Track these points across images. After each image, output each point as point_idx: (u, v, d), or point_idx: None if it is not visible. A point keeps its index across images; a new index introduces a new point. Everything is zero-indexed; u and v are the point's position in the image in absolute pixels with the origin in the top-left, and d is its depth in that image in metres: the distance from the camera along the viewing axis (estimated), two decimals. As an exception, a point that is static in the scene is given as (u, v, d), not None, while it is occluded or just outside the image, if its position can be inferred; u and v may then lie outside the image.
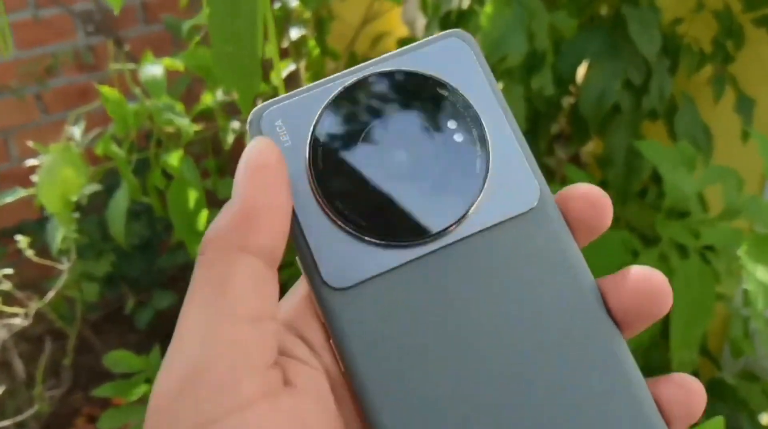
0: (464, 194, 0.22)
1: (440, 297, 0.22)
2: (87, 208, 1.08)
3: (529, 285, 0.22)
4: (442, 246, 0.22)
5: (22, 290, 0.99)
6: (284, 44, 0.93)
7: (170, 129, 0.77)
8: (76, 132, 0.82)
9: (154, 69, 0.72)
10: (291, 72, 0.90)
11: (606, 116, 0.87)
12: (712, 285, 0.61)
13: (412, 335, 0.21)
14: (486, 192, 0.22)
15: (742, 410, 0.88)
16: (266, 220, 0.20)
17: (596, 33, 0.86)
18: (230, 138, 0.86)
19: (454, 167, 0.22)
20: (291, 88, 0.27)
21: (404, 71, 0.23)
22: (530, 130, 0.89)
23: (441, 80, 0.23)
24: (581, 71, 0.90)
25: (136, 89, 0.75)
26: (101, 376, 0.98)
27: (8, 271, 0.91)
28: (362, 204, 0.22)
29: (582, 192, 0.23)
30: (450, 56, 0.23)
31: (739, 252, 0.54)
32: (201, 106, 0.83)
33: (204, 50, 0.74)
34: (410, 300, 0.22)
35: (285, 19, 0.91)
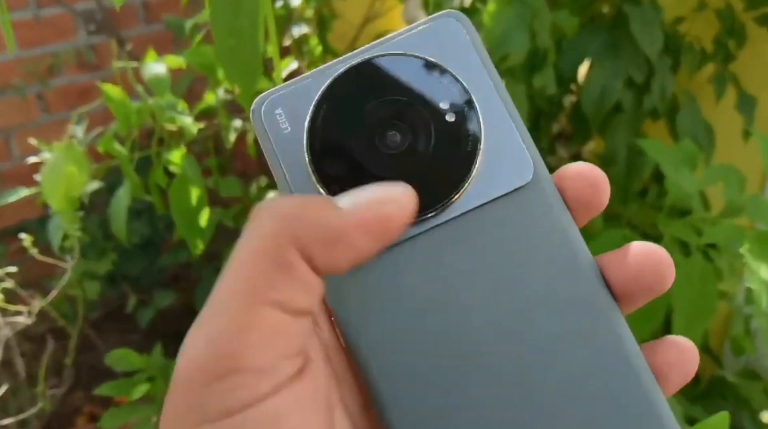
0: (458, 173, 0.23)
1: (437, 276, 0.22)
2: (89, 207, 1.08)
3: (526, 260, 0.22)
4: (437, 224, 0.22)
5: (25, 289, 0.99)
6: (286, 42, 0.93)
7: (172, 127, 0.77)
8: (79, 130, 0.82)
9: (157, 67, 0.72)
10: (293, 70, 0.90)
11: (607, 115, 0.87)
12: (715, 283, 0.61)
13: (411, 314, 0.22)
14: (480, 169, 0.23)
15: (744, 409, 0.88)
16: (341, 255, 0.19)
17: (598, 32, 0.86)
18: (232, 136, 0.86)
19: (448, 147, 0.23)
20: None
21: (397, 54, 0.23)
22: (532, 129, 0.90)
23: (433, 62, 0.23)
24: (583, 70, 0.90)
25: (139, 87, 0.75)
26: (103, 375, 0.98)
27: (12, 269, 0.91)
28: (358, 185, 0.22)
29: (578, 170, 0.23)
30: (444, 37, 0.24)
31: (742, 250, 0.54)
32: (203, 105, 0.83)
33: (207, 48, 0.75)
34: (407, 280, 0.22)
35: (287, 18, 0.92)
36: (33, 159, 0.81)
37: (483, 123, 0.23)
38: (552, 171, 0.23)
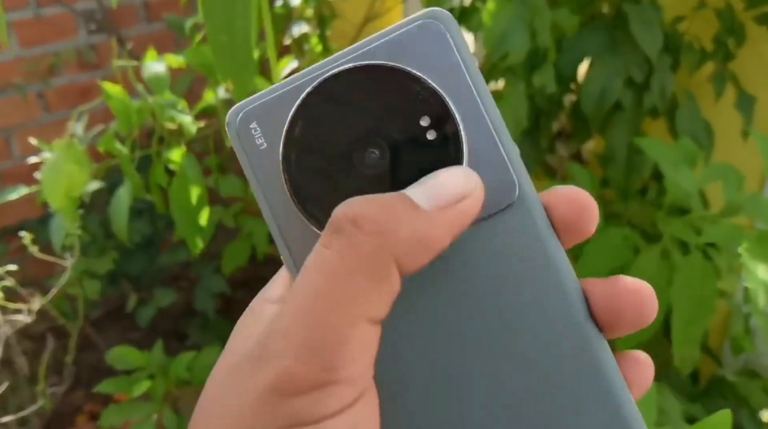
0: None
1: (418, 295, 0.22)
2: (89, 206, 1.08)
3: (508, 284, 0.22)
4: None
5: (24, 289, 0.99)
6: (287, 41, 0.93)
7: (172, 126, 0.77)
8: (79, 129, 0.82)
9: (157, 66, 0.72)
10: (293, 69, 0.90)
11: (607, 114, 0.87)
12: (714, 281, 0.61)
13: (391, 334, 0.21)
14: None
15: (743, 407, 0.88)
16: (428, 258, 0.20)
17: (598, 31, 0.86)
18: (232, 135, 0.86)
19: (428, 165, 0.22)
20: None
21: (375, 65, 0.22)
22: (532, 128, 0.90)
23: (413, 73, 0.22)
24: (583, 69, 0.90)
25: (140, 86, 0.76)
26: (103, 374, 0.98)
27: (12, 268, 0.91)
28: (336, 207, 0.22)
29: (567, 194, 0.22)
30: (425, 41, 0.22)
31: (740, 250, 0.54)
32: (203, 104, 0.83)
33: (206, 48, 0.75)
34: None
35: (287, 17, 0.92)
36: (33, 158, 0.81)
37: (465, 140, 0.22)
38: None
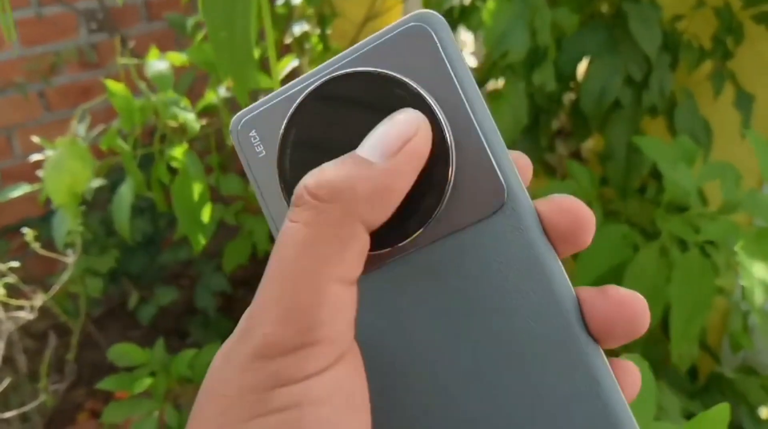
0: (427, 200, 0.22)
1: (409, 303, 0.22)
2: (90, 205, 1.08)
3: (498, 287, 0.22)
4: (409, 253, 0.22)
5: (26, 287, 1.00)
6: (287, 40, 0.93)
7: (174, 124, 0.77)
8: (81, 128, 0.83)
9: (160, 64, 0.73)
10: (294, 68, 0.91)
11: (607, 112, 0.87)
12: (712, 278, 0.62)
13: (388, 338, 0.22)
14: (449, 196, 0.22)
15: (741, 404, 0.88)
16: (390, 207, 0.20)
17: (597, 29, 0.87)
18: (233, 134, 0.87)
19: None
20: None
21: (362, 72, 0.22)
22: (531, 126, 0.90)
23: (399, 79, 0.22)
24: (582, 67, 0.91)
25: (142, 85, 0.76)
26: (104, 372, 0.99)
27: (15, 264, 0.91)
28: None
29: (563, 204, 0.22)
30: (413, 45, 0.22)
31: (736, 248, 0.54)
32: (204, 102, 0.84)
33: (208, 46, 0.75)
34: (381, 307, 0.22)
35: (288, 16, 0.92)
36: (35, 157, 0.82)
37: (452, 146, 0.22)
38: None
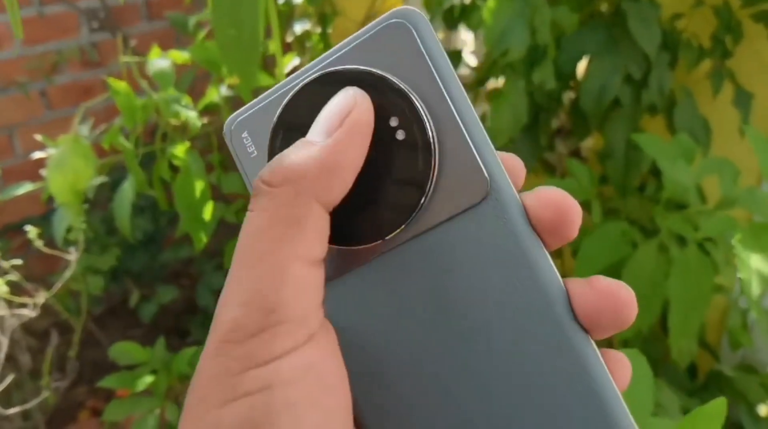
0: (411, 193, 0.22)
1: (396, 296, 0.22)
2: (92, 204, 1.09)
3: (482, 278, 0.22)
4: (396, 246, 0.22)
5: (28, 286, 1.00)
6: (288, 39, 0.94)
7: (176, 122, 0.78)
8: (84, 129, 0.83)
9: (162, 62, 0.73)
10: (295, 67, 0.91)
11: (606, 110, 0.88)
12: (710, 272, 0.62)
13: (377, 332, 0.22)
14: (433, 188, 0.22)
15: (741, 402, 0.89)
16: (343, 181, 0.21)
17: (597, 28, 0.87)
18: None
19: (400, 166, 0.22)
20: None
21: (343, 70, 0.22)
22: (531, 125, 0.90)
23: (379, 75, 0.22)
24: (582, 66, 0.91)
25: (143, 83, 0.76)
26: (105, 371, 0.99)
27: (17, 262, 0.92)
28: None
29: (549, 197, 0.22)
30: (393, 41, 0.22)
31: (733, 241, 0.55)
32: (206, 100, 0.84)
33: (210, 44, 0.76)
34: (370, 302, 0.23)
35: (289, 15, 0.93)
36: (37, 155, 0.82)
37: (435, 139, 0.22)
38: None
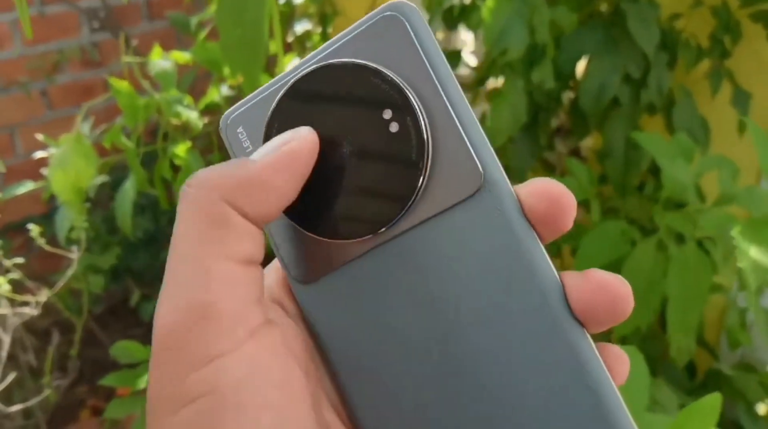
0: (405, 185, 0.22)
1: (391, 289, 0.22)
2: (93, 203, 1.09)
3: (476, 270, 0.22)
4: (390, 239, 0.22)
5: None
6: (289, 39, 0.94)
7: (177, 122, 0.78)
8: (86, 128, 0.83)
9: (164, 62, 0.74)
10: (295, 67, 0.92)
11: (605, 110, 0.88)
12: (708, 269, 0.62)
13: (371, 326, 0.22)
14: (427, 181, 0.22)
15: (739, 401, 0.89)
16: (269, 198, 0.21)
17: (596, 28, 0.88)
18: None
19: (393, 157, 0.22)
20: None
21: (337, 64, 0.23)
22: (530, 124, 0.91)
23: (373, 68, 0.22)
24: (581, 66, 0.91)
25: (145, 83, 0.77)
26: (106, 370, 0.99)
27: (19, 261, 0.92)
28: (311, 205, 0.23)
29: (542, 187, 0.21)
30: (386, 34, 0.22)
31: (733, 233, 0.55)
32: (207, 100, 0.84)
33: (212, 44, 0.76)
34: (364, 295, 0.23)
35: (290, 15, 0.93)
36: (38, 154, 0.82)
37: (428, 131, 0.22)
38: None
